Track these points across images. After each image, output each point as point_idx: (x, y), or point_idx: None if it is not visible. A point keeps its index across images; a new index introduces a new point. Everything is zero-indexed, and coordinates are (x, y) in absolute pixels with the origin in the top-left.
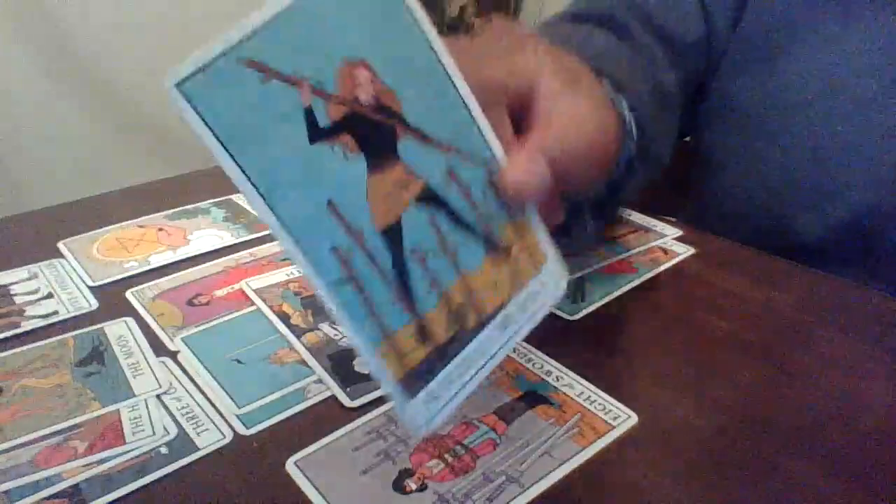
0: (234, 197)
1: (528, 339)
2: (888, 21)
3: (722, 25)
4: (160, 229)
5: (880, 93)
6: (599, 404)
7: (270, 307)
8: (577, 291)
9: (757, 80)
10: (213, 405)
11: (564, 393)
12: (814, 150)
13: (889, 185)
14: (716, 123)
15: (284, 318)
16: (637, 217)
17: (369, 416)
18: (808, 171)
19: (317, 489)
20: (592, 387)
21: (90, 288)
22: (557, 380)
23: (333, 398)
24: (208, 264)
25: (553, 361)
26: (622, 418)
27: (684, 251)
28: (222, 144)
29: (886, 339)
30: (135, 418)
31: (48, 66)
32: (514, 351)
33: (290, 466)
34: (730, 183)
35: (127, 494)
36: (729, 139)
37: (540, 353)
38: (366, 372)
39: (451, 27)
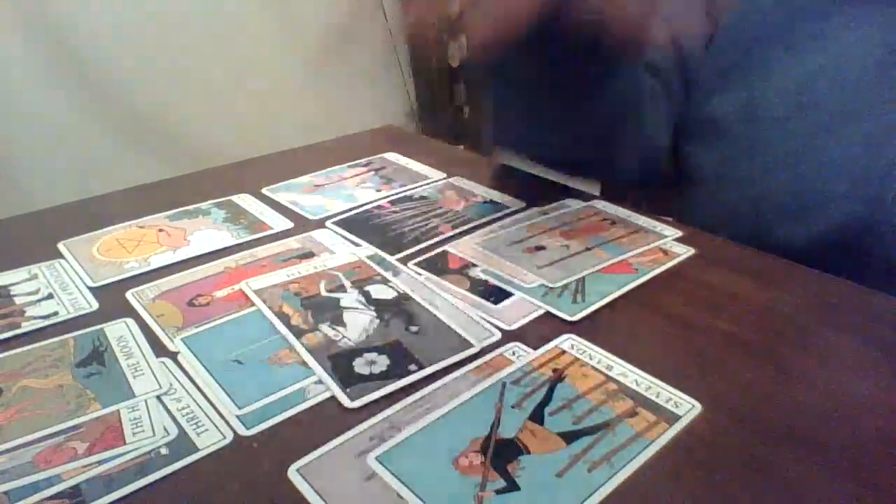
0: (235, 198)
1: (528, 341)
2: (863, 35)
3: (693, 47)
4: (160, 230)
5: (858, 105)
6: None
7: (270, 308)
8: (576, 292)
9: (734, 96)
10: (213, 406)
11: None
12: (793, 164)
13: (871, 199)
14: (695, 138)
15: (284, 318)
16: (637, 218)
17: (373, 420)
18: (788, 185)
19: (319, 495)
20: None
21: (90, 288)
22: None
23: (333, 399)
24: (208, 265)
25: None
26: None
27: (684, 251)
28: None
29: (886, 339)
30: (135, 419)
31: (48, 67)
32: (513, 353)
33: (291, 473)
34: (711, 196)
35: (127, 495)
36: (708, 153)
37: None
38: (366, 373)
39: (450, 27)
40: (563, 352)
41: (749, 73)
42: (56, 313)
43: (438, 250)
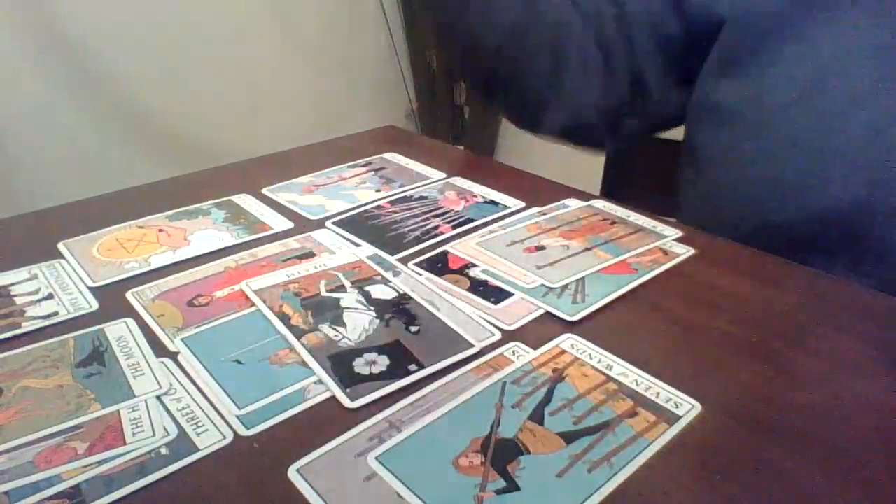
0: (235, 198)
1: (528, 341)
2: (871, 24)
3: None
4: (160, 230)
5: (864, 92)
6: None
7: (270, 308)
8: (576, 292)
9: (742, 82)
10: (213, 406)
11: None
12: (797, 147)
13: (872, 181)
14: (703, 122)
15: (284, 318)
16: (637, 218)
17: (373, 420)
18: (791, 167)
19: (319, 495)
20: None
21: (90, 289)
22: None
23: (333, 399)
24: (208, 265)
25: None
26: None
27: (684, 252)
28: None
29: (886, 339)
30: (135, 419)
31: (48, 66)
32: (514, 353)
33: (291, 473)
34: (717, 178)
35: (127, 495)
36: (715, 137)
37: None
38: (366, 373)
39: None
40: (563, 352)
41: (758, 62)
42: (56, 313)
43: (438, 250)
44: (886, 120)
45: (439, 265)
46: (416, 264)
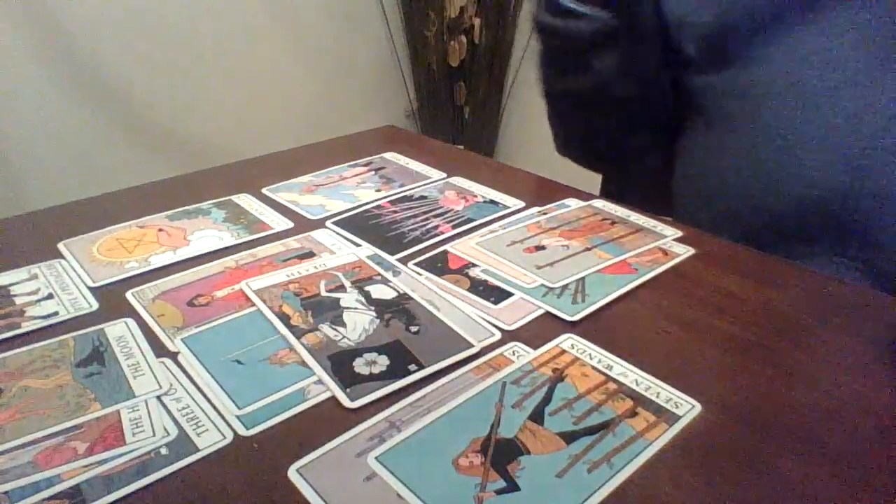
0: (235, 198)
1: (528, 341)
2: (850, 17)
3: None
4: (160, 230)
5: (843, 83)
6: None
7: (270, 308)
8: (576, 292)
9: (727, 78)
10: (213, 406)
11: None
12: (779, 136)
13: (850, 167)
14: (691, 117)
15: (284, 318)
16: (637, 218)
17: (373, 420)
18: (773, 155)
19: (319, 495)
20: None
21: (90, 288)
22: None
23: (333, 399)
24: (208, 265)
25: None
26: None
27: (684, 252)
28: None
29: (886, 339)
30: (135, 419)
31: (49, 66)
32: (514, 353)
33: (291, 473)
34: (704, 168)
35: (127, 495)
36: (703, 130)
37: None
38: (366, 373)
39: (450, 27)
40: (563, 351)
41: (744, 61)
42: (56, 313)
43: (438, 250)
44: (865, 109)
45: (439, 265)
46: (416, 264)
